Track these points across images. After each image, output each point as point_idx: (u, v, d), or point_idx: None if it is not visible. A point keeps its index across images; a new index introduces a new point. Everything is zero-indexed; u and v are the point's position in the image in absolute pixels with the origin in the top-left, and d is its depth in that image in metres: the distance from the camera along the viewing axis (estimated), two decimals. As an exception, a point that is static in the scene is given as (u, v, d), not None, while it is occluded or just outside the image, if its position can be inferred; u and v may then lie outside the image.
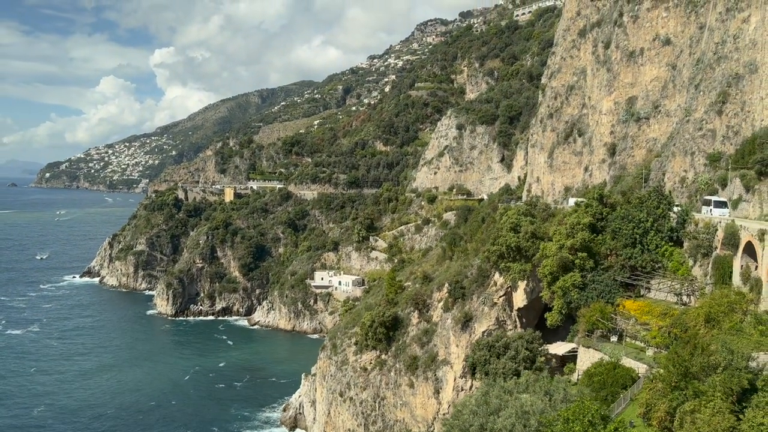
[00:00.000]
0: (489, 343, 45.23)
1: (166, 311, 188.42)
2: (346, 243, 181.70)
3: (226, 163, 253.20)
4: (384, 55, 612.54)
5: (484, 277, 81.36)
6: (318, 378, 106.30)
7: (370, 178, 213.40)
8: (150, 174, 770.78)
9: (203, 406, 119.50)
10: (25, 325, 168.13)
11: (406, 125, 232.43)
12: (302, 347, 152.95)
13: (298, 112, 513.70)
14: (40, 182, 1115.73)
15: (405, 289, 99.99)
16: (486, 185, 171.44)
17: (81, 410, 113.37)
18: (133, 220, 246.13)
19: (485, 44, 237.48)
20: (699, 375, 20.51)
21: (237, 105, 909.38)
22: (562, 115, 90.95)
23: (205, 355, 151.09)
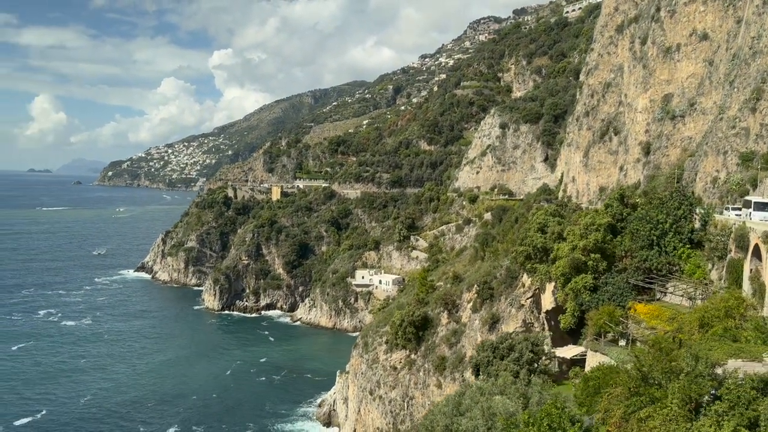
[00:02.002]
0: (493, 345, 44.65)
1: (213, 306, 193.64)
2: (387, 242, 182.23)
3: (274, 162, 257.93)
4: (435, 54, 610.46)
5: (512, 278, 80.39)
6: (350, 376, 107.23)
7: (413, 177, 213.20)
8: (207, 173, 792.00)
9: (242, 399, 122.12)
10: (79, 318, 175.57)
11: (450, 124, 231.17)
12: (341, 345, 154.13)
13: (348, 112, 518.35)
14: (103, 180, 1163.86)
15: (436, 288, 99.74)
16: (529, 185, 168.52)
17: (125, 400, 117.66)
18: (185, 217, 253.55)
19: (533, 41, 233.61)
20: (660, 381, 19.78)
21: (291, 105, 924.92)
22: (599, 113, 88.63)
23: (247, 350, 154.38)
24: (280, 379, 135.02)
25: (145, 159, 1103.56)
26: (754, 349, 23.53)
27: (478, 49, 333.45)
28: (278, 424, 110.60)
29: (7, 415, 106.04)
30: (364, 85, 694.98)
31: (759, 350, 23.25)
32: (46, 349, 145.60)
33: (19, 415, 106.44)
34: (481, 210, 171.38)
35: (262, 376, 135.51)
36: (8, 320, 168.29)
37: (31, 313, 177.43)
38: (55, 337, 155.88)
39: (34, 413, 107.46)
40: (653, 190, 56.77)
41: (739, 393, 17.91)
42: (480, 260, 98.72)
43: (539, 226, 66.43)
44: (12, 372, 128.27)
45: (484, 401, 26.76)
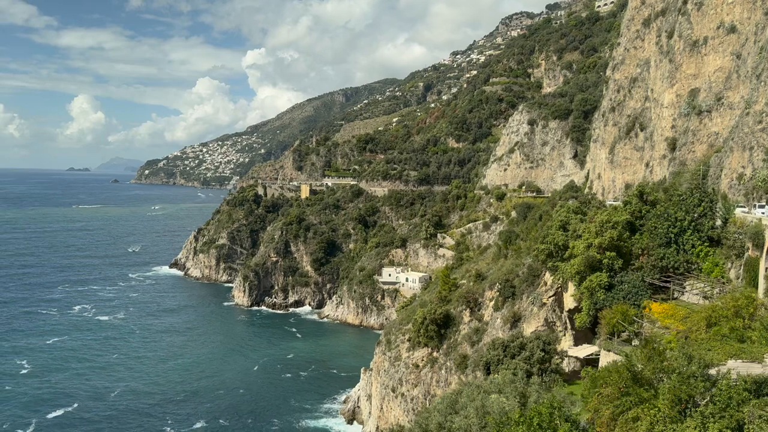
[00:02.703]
0: (504, 343, 44.17)
1: (242, 303, 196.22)
2: (414, 240, 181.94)
3: (303, 160, 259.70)
4: (467, 51, 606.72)
5: (534, 276, 79.33)
6: (374, 373, 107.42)
7: (440, 175, 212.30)
8: (240, 171, 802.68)
9: (268, 395, 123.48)
10: (112, 312, 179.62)
11: (479, 121, 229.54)
12: (367, 342, 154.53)
13: (378, 110, 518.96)
14: (139, 179, 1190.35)
15: (459, 287, 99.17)
16: (558, 182, 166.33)
17: (154, 393, 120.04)
18: (217, 215, 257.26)
19: (564, 36, 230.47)
20: (652, 381, 19.32)
21: (322, 104, 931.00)
22: (625, 108, 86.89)
23: (275, 346, 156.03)
24: (306, 375, 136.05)
25: (181, 158, 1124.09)
26: (757, 349, 22.78)
27: (507, 45, 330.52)
28: (303, 420, 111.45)
29: (41, 407, 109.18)
30: (395, 83, 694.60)
31: (762, 351, 22.50)
32: (79, 343, 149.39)
33: (52, 407, 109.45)
34: (508, 207, 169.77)
35: (288, 372, 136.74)
36: (45, 315, 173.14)
37: (66, 308, 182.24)
38: (89, 331, 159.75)
39: (66, 406, 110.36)
40: (673, 186, 55.39)
41: (730, 394, 17.39)
42: (503, 258, 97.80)
43: (561, 224, 65.49)
44: (46, 365, 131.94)
45: (480, 400, 26.55)
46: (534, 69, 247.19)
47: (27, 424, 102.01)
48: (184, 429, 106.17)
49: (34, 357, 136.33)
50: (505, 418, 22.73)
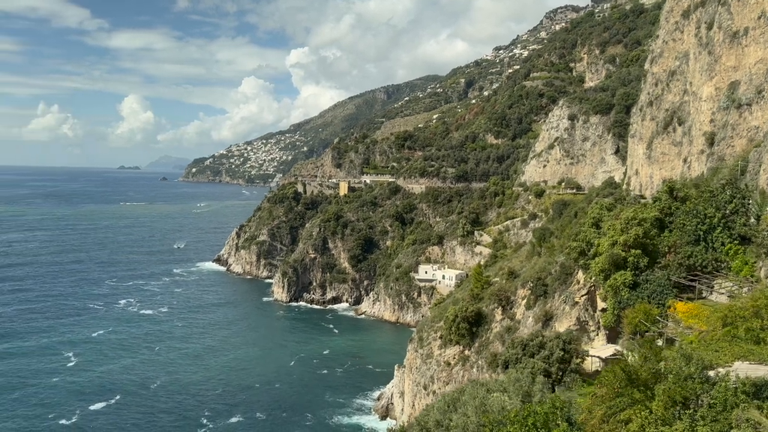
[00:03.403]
0: (523, 342, 43.47)
1: (281, 298, 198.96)
2: (450, 237, 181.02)
3: (342, 158, 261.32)
4: (510, 46, 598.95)
5: (566, 274, 77.97)
6: (406, 370, 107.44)
7: (479, 171, 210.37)
8: (283, 169, 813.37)
9: (303, 390, 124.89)
10: (156, 307, 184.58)
11: (518, 117, 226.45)
12: (403, 339, 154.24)
13: (419, 107, 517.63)
14: (187, 177, 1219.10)
15: (491, 284, 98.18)
16: (599, 179, 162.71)
17: (192, 386, 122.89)
18: (258, 212, 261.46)
19: (607, 30, 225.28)
20: (647, 382, 18.73)
21: (364, 101, 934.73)
22: (663, 102, 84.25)
23: (312, 342, 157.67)
24: (342, 371, 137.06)
25: (226, 156, 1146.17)
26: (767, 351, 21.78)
27: (549, 39, 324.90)
28: (336, 416, 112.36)
29: (85, 398, 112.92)
30: (436, 80, 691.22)
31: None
32: (123, 336, 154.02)
33: (95, 398, 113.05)
34: (547, 205, 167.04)
35: (324, 368, 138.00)
36: (91, 308, 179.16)
37: (112, 302, 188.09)
38: (133, 325, 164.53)
39: (108, 397, 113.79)
40: (705, 182, 53.47)
41: (726, 396, 16.74)
42: (536, 256, 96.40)
43: (593, 221, 64.26)
44: (91, 358, 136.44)
45: (481, 398, 26.22)
46: (576, 63, 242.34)
47: (71, 414, 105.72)
48: (220, 422, 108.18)
49: (80, 349, 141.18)
50: (501, 416, 22.44)
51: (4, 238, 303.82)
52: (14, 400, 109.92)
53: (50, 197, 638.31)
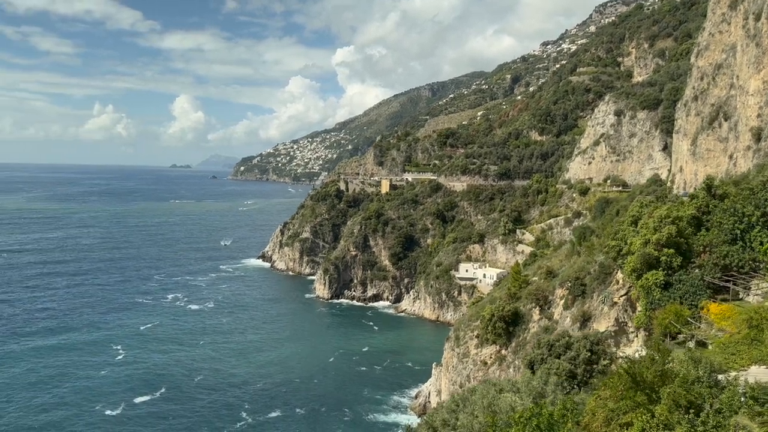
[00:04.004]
0: (549, 342, 42.54)
1: (323, 295, 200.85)
2: (492, 235, 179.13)
3: (384, 156, 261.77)
4: (558, 41, 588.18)
5: (605, 274, 76.11)
6: (443, 369, 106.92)
7: (522, 169, 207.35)
8: (328, 167, 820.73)
9: (341, 386, 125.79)
10: (203, 302, 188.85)
11: (564, 113, 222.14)
12: (443, 337, 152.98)
13: (464, 104, 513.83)
14: (235, 175, 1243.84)
15: (530, 283, 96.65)
16: (646, 176, 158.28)
17: (234, 380, 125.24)
18: (301, 209, 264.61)
19: (656, 23, 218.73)
20: (653, 384, 18.07)
21: (408, 99, 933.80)
22: (708, 97, 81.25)
23: (351, 339, 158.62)
24: (381, 368, 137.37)
25: (273, 155, 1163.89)
26: (790, 356, 20.70)
27: (596, 34, 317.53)
28: (373, 413, 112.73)
29: (130, 391, 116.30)
30: (482, 76, 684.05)
31: (796, 358, 20.45)
32: (170, 330, 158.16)
33: (140, 391, 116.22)
34: (591, 202, 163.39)
35: (363, 365, 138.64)
36: (140, 303, 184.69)
37: (160, 297, 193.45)
38: (180, 319, 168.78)
39: (152, 391, 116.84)
40: (745, 179, 51.27)
41: (731, 401, 16.02)
42: (576, 255, 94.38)
43: (632, 219, 62.53)
44: (139, 351, 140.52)
45: (490, 398, 25.79)
46: (624, 57, 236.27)
47: (116, 405, 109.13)
48: (260, 416, 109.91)
49: (128, 343, 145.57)
50: (507, 417, 22.05)
51: (59, 235, 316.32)
52: (64, 391, 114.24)
53: (104, 195, 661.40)
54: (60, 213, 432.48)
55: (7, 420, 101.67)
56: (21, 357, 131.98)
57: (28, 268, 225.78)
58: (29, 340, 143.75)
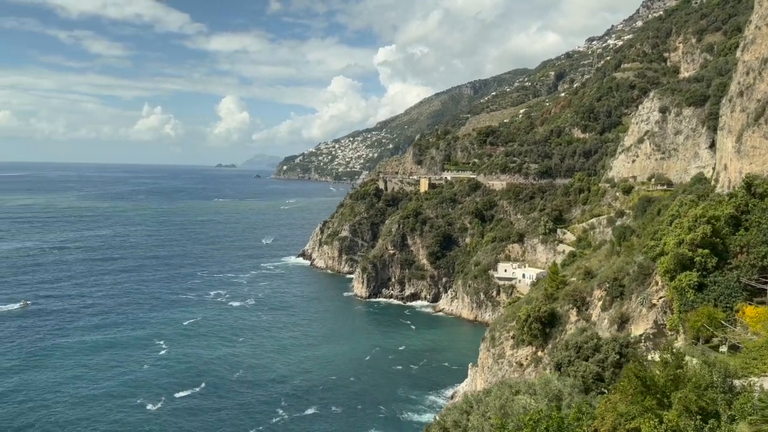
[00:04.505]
0: (578, 344, 41.47)
1: (361, 294, 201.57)
2: (531, 235, 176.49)
3: (423, 154, 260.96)
4: (603, 37, 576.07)
5: (644, 275, 74.07)
6: (478, 369, 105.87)
7: (563, 167, 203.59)
8: (369, 166, 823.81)
9: (377, 384, 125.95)
10: (244, 299, 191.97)
11: (608, 110, 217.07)
12: (480, 338, 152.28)
13: (506, 102, 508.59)
14: (278, 174, 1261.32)
15: (567, 284, 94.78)
16: (691, 174, 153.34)
17: (272, 376, 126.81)
18: (341, 208, 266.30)
19: (704, 17, 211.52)
20: (665, 389, 17.38)
21: (450, 98, 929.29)
22: (754, 92, 78.03)
23: (388, 338, 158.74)
24: (417, 368, 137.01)
25: (315, 154, 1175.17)
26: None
27: (641, 29, 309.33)
28: (407, 412, 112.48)
29: (171, 386, 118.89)
30: (525, 73, 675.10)
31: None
32: (211, 326, 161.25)
33: (180, 386, 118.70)
34: (635, 202, 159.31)
35: (398, 364, 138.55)
36: (183, 299, 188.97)
37: (203, 293, 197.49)
38: (221, 316, 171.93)
39: (193, 386, 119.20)
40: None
41: (743, 408, 15.31)
42: (615, 255, 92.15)
43: (672, 219, 60.82)
44: (181, 347, 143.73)
45: (504, 399, 25.27)
46: (670, 53, 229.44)
47: (157, 400, 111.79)
48: (296, 413, 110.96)
49: (171, 338, 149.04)
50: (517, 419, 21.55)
51: (108, 233, 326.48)
52: (107, 385, 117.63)
53: (152, 193, 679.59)
54: (109, 211, 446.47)
55: (53, 411, 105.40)
56: (68, 350, 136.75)
57: (77, 264, 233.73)
58: (77, 334, 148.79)
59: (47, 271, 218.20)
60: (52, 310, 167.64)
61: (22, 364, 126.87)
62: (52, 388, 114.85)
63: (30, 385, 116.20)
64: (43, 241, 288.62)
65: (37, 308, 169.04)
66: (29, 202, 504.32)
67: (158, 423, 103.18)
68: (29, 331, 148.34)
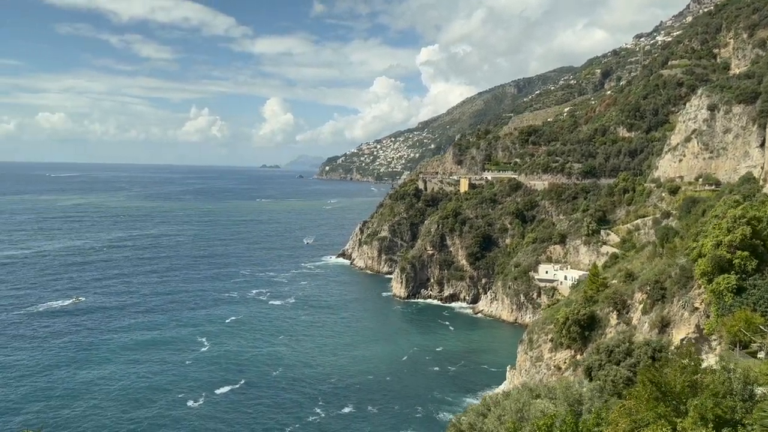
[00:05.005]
0: (609, 348, 40.35)
1: (399, 294, 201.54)
2: (574, 236, 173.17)
3: (463, 154, 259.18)
4: (652, 33, 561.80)
5: (687, 277, 71.77)
6: (516, 372, 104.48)
7: (608, 167, 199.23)
8: (410, 166, 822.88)
9: (413, 385, 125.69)
10: (284, 298, 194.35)
11: (654, 108, 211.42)
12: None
13: (550, 100, 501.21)
14: (321, 174, 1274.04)
15: (608, 286, 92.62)
16: (741, 174, 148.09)
17: (310, 374, 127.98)
18: (380, 208, 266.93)
19: (756, 11, 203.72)
20: (681, 396, 16.75)
21: (493, 97, 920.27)
22: (807, 87, 74.68)
23: (426, 338, 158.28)
24: (454, 369, 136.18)
25: (357, 154, 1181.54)
26: None
27: (690, 24, 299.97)
28: (444, 413, 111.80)
29: (212, 382, 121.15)
30: (570, 71, 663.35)
31: None
32: (253, 324, 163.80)
33: (221, 383, 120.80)
34: (681, 202, 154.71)
35: (436, 365, 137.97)
36: (226, 297, 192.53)
37: (245, 292, 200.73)
38: (262, 314, 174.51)
39: (233, 382, 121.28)
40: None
41: (762, 418, 14.64)
42: (658, 257, 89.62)
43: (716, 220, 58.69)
44: (222, 343, 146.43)
45: (520, 404, 24.77)
46: (720, 49, 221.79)
47: (198, 396, 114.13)
48: (333, 411, 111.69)
49: (213, 335, 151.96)
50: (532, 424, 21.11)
51: (155, 232, 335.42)
52: (150, 381, 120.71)
53: (198, 194, 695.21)
54: (156, 211, 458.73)
55: (100, 403, 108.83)
56: (115, 346, 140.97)
57: (125, 262, 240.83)
58: (123, 330, 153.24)
59: (97, 269, 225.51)
60: (101, 307, 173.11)
61: (73, 358, 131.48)
62: (99, 382, 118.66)
63: (78, 378, 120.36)
64: (94, 240, 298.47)
65: (87, 305, 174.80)
66: (81, 202, 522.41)
67: (199, 418, 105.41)
68: (79, 327, 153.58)
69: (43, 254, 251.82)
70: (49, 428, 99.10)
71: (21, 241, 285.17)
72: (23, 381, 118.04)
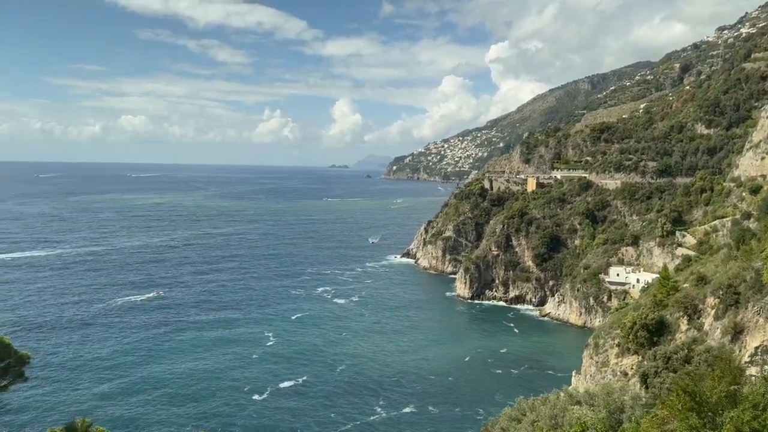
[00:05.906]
0: (666, 354, 38.25)
1: (463, 294, 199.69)
2: (647, 237, 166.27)
3: (531, 153, 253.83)
4: (736, 25, 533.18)
5: (762, 282, 67.56)
6: (581, 377, 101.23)
7: (684, 165, 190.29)
8: (478, 165, 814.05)
9: (475, 387, 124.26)
10: (348, 296, 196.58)
11: (735, 104, 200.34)
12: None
13: (625, 96, 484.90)
14: (388, 174, 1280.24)
15: (679, 290, 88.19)
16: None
17: (372, 373, 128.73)
18: (445, 208, 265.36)
19: None
20: (717, 407, 15.66)
21: (565, 93, 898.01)
22: None
23: (490, 339, 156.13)
24: (517, 372, 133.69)
25: (424, 154, 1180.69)
26: None
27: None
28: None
29: (277, 376, 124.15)
30: (647, 66, 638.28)
31: None
32: (317, 321, 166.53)
33: (285, 377, 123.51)
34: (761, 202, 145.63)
35: (498, 367, 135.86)
36: (293, 293, 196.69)
37: (311, 289, 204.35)
38: (327, 311, 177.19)
39: (296, 377, 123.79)
40: None
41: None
42: (733, 260, 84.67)
43: (795, 221, 54.93)
44: (287, 339, 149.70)
45: (557, 410, 23.76)
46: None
47: (263, 389, 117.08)
48: (393, 411, 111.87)
49: (279, 331, 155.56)
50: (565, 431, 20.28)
51: (227, 230, 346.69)
52: (219, 374, 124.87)
53: (270, 193, 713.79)
54: (230, 210, 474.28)
55: (170, 393, 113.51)
56: (187, 341, 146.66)
57: (198, 260, 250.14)
58: (195, 326, 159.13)
59: (173, 266, 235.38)
60: (176, 303, 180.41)
61: (149, 351, 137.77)
62: (170, 374, 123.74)
63: (152, 370, 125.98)
64: (171, 237, 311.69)
65: (165, 301, 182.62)
66: (161, 201, 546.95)
67: (263, 411, 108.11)
68: (157, 321, 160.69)
69: (123, 251, 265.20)
70: (124, 415, 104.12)
71: (103, 238, 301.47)
72: (107, 371, 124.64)
